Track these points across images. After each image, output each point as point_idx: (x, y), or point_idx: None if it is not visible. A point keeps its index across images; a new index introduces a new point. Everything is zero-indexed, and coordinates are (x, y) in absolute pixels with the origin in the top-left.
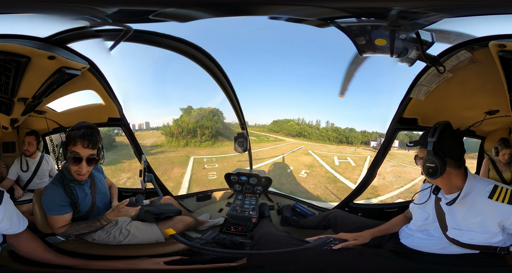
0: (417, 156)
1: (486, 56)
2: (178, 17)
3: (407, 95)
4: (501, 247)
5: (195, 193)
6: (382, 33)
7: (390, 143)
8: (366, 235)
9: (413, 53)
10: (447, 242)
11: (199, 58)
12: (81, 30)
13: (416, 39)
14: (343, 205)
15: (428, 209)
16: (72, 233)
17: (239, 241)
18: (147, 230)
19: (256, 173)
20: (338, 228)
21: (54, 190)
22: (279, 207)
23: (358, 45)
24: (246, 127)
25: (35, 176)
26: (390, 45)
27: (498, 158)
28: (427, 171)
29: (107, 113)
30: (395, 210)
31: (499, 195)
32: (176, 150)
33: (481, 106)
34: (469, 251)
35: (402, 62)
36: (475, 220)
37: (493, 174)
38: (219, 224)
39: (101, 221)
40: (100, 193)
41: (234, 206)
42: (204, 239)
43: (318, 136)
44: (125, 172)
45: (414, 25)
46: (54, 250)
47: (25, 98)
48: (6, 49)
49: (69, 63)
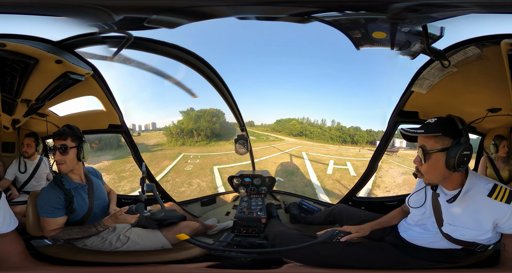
0: (425, 147)
1: (496, 54)
2: (168, 23)
3: (408, 88)
4: (483, 245)
5: (199, 198)
6: (380, 26)
7: (390, 136)
8: (367, 227)
9: (416, 46)
10: (440, 237)
11: (195, 64)
12: (91, 36)
13: (422, 33)
14: (346, 199)
15: (425, 204)
16: (63, 237)
17: (257, 242)
18: (150, 237)
19: (259, 173)
20: (344, 222)
21: (51, 192)
22: (286, 206)
23: (353, 38)
24: (246, 129)
25: (33, 178)
26: (391, 38)
27: (498, 154)
28: (461, 160)
29: (108, 120)
30: (395, 203)
31: (498, 194)
32: (173, 148)
33: (483, 103)
34: (453, 246)
35: (403, 55)
36: (471, 217)
37: (491, 171)
38: (229, 227)
39: (98, 227)
40: (98, 198)
41: (241, 208)
42: (224, 242)
43: (320, 135)
44: (130, 163)
45: (421, 18)
46: (35, 255)
47: (28, 100)
48: (18, 50)
49: (74, 68)
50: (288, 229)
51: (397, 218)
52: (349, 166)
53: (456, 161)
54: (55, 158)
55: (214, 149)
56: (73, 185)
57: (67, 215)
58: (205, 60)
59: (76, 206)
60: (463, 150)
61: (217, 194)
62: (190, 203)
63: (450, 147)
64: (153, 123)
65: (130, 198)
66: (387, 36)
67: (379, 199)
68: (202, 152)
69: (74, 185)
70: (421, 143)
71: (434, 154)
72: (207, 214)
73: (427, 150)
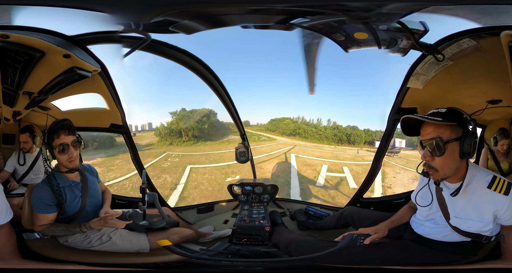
0: (441, 138)
1: (494, 46)
2: (188, 29)
3: (403, 85)
4: (486, 236)
5: (195, 205)
6: (357, 27)
7: (390, 134)
8: (383, 227)
9: (404, 43)
10: (450, 230)
11: (203, 74)
12: (110, 33)
13: (404, 29)
14: (354, 201)
15: (430, 199)
16: (48, 233)
17: (262, 251)
18: (133, 239)
19: (261, 182)
20: (357, 224)
21: (43, 189)
22: (291, 213)
23: (338, 41)
24: (246, 138)
25: (31, 171)
26: (374, 38)
27: (497, 148)
28: (475, 146)
29: (110, 119)
30: (402, 201)
31: (497, 186)
32: (161, 148)
33: (483, 95)
34: (464, 239)
35: (393, 53)
36: (474, 208)
37: (491, 163)
38: (226, 235)
39: (82, 228)
40: (91, 197)
41: (241, 216)
42: (214, 251)
43: (315, 134)
44: (118, 159)
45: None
46: (21, 248)
47: (30, 92)
48: (23, 42)
49: (82, 64)
50: (299, 235)
51: (408, 215)
52: (347, 173)
53: (471, 149)
54: (70, 155)
55: (199, 149)
56: (67, 182)
57: (58, 212)
58: (212, 69)
59: (68, 204)
60: (475, 137)
61: (215, 202)
62: (185, 210)
63: (463, 136)
64: (149, 123)
65: (124, 200)
66: (369, 36)
67: (386, 198)
68: (185, 152)
69: (68, 183)
70: (436, 134)
71: (451, 144)
72: (202, 221)
73: (445, 140)
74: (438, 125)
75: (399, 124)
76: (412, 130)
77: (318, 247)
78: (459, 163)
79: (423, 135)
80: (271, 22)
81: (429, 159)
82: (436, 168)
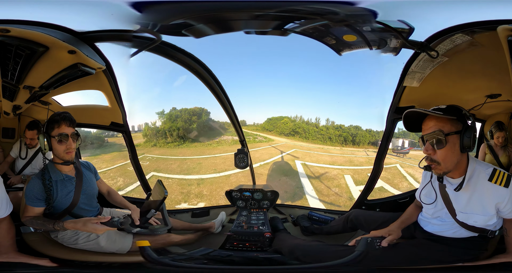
0: (443, 130)
1: (490, 40)
2: (199, 33)
3: (400, 84)
4: (491, 231)
5: (190, 209)
6: (343, 30)
7: (390, 134)
8: (395, 228)
9: (393, 42)
10: (458, 226)
11: (206, 79)
12: (123, 32)
13: (388, 29)
14: (359, 204)
15: (434, 197)
16: (29, 225)
17: (261, 257)
18: (118, 241)
19: (260, 187)
20: (365, 226)
21: (36, 182)
22: (293, 219)
23: (330, 45)
24: (246, 144)
25: (29, 164)
26: (363, 39)
27: (494, 141)
28: (475, 140)
29: (111, 117)
30: (407, 200)
31: (497, 178)
32: (143, 149)
33: (481, 89)
34: (472, 234)
35: (386, 53)
36: (478, 202)
37: (490, 157)
38: (224, 219)
39: (55, 225)
40: (85, 193)
41: (238, 222)
42: (188, 256)
43: (317, 134)
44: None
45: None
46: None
47: (31, 87)
48: (26, 36)
49: (87, 60)
50: (304, 241)
51: (415, 214)
52: (383, 184)
53: (471, 142)
54: (68, 146)
55: (179, 152)
56: (60, 176)
57: (46, 206)
58: (215, 75)
59: (59, 199)
60: (475, 131)
61: (211, 207)
62: (179, 213)
63: (463, 129)
64: (146, 123)
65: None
66: (358, 38)
67: (391, 199)
68: (163, 155)
69: (62, 177)
70: (437, 127)
71: (451, 137)
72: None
73: (446, 133)
74: (439, 119)
75: (402, 120)
76: (414, 126)
77: (331, 252)
78: (460, 157)
79: (424, 130)
80: (269, 28)
81: (431, 152)
82: (438, 161)
